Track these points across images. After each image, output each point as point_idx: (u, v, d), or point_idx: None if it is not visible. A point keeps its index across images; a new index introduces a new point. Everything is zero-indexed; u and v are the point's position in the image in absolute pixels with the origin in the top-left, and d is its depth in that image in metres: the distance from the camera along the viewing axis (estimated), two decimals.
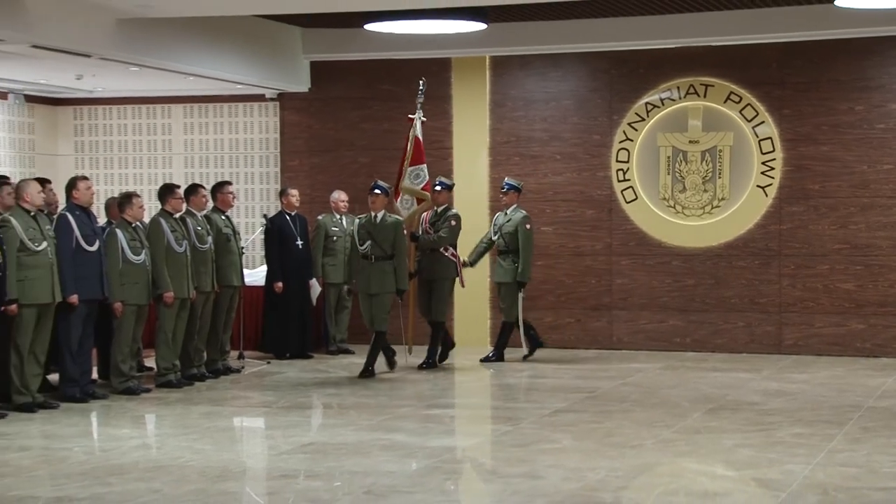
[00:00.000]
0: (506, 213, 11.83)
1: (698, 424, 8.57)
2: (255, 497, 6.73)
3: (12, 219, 8.97)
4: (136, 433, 8.53)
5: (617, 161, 12.97)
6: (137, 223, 10.02)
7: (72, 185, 9.73)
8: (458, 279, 11.60)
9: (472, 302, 13.17)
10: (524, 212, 11.84)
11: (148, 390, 9.97)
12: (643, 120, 12.89)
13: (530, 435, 8.20)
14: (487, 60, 13.18)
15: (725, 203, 12.71)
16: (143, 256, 9.86)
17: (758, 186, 12.60)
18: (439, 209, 11.45)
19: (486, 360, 11.86)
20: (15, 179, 9.64)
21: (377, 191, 10.91)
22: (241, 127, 14.12)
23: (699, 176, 12.77)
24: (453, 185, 11.70)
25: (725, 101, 12.66)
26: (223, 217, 11.05)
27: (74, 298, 9.26)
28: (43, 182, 9.78)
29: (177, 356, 10.32)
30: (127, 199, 10.05)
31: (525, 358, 11.83)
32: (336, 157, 13.58)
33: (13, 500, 6.38)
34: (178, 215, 10.37)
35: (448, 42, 12.35)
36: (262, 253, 12.65)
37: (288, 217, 12.17)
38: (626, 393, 10.07)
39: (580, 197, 13.09)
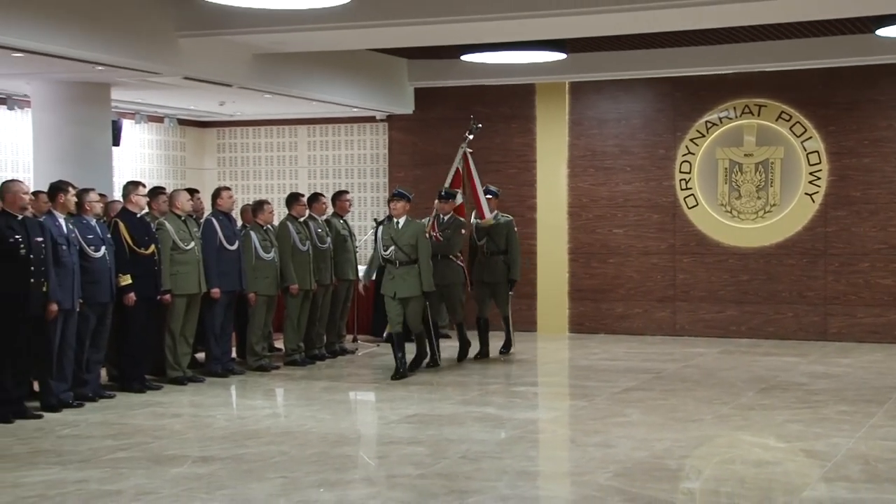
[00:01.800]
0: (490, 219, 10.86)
1: (752, 402, 8.39)
2: (368, 460, 6.76)
3: (166, 222, 9.15)
4: (268, 404, 8.63)
5: (680, 172, 12.78)
6: (268, 226, 10.14)
7: (216, 195, 9.89)
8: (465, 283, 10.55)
9: (552, 291, 13.11)
10: (509, 216, 11.14)
11: (277, 367, 10.09)
12: (703, 136, 12.68)
13: (603, 409, 8.11)
14: (567, 86, 13.09)
15: (776, 208, 12.44)
16: (272, 254, 9.98)
17: (806, 194, 12.31)
18: (445, 217, 10.32)
19: (477, 356, 10.80)
20: (168, 189, 9.82)
21: (398, 196, 9.74)
22: (356, 144, 14.22)
23: (753, 185, 12.52)
24: (456, 194, 10.51)
25: (777, 120, 12.40)
26: (341, 221, 11.12)
27: (217, 291, 9.40)
28: (192, 191, 9.96)
29: (301, 339, 10.42)
30: (259, 205, 10.18)
31: (503, 352, 11.01)
32: (435, 170, 13.55)
33: (167, 458, 6.50)
34: (302, 219, 10.47)
35: (533, 70, 12.29)
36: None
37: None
38: (688, 374, 9.90)
39: (647, 203, 12.92)
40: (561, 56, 11.33)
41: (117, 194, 10.11)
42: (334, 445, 6.85)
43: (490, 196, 10.89)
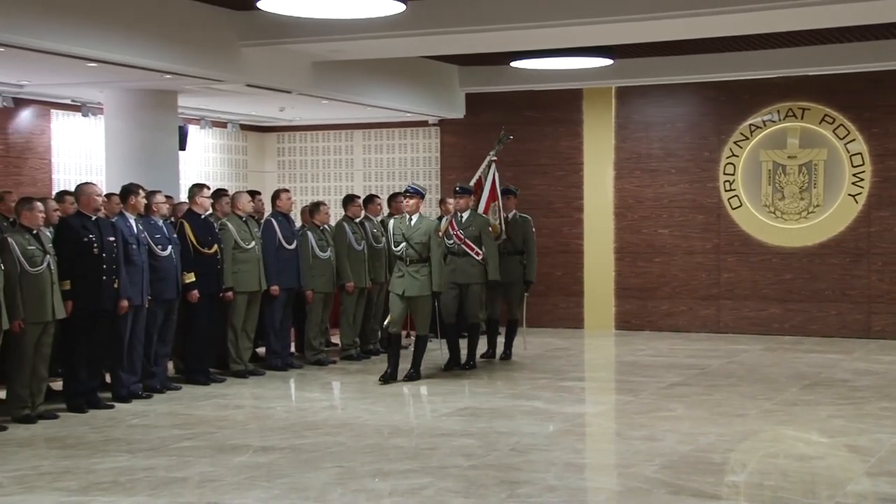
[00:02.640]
0: (507, 217, 10.33)
1: (795, 398, 8.27)
2: (420, 451, 6.78)
3: (228, 223, 9.25)
4: (325, 396, 8.69)
5: (724, 174, 12.64)
6: (325, 226, 10.21)
7: (275, 196, 9.98)
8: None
9: (599, 290, 13.04)
10: (526, 216, 10.56)
11: (334, 362, 10.15)
12: (747, 139, 12.52)
13: (649, 404, 8.05)
14: (613, 90, 13.01)
15: (819, 209, 12.25)
16: (329, 253, 10.05)
17: (849, 195, 12.11)
18: (464, 215, 9.72)
19: (504, 358, 10.37)
20: (231, 192, 9.94)
21: (411, 193, 9.16)
22: (409, 147, 14.26)
23: (797, 186, 12.33)
24: (472, 190, 9.92)
25: (820, 122, 12.20)
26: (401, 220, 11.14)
27: (276, 289, 9.48)
28: (253, 193, 10.05)
29: (357, 334, 10.47)
30: (316, 206, 10.25)
31: (505, 357, 10.37)
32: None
33: (230, 448, 6.57)
34: (357, 220, 10.52)
35: (580, 75, 12.24)
36: None
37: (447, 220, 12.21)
38: (732, 370, 9.79)
39: (692, 204, 12.79)
40: (608, 62, 11.26)
41: (183, 196, 10.25)
42: (388, 437, 6.87)
43: (507, 196, 10.35)
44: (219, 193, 9.52)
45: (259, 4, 8.10)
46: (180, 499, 5.40)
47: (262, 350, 9.97)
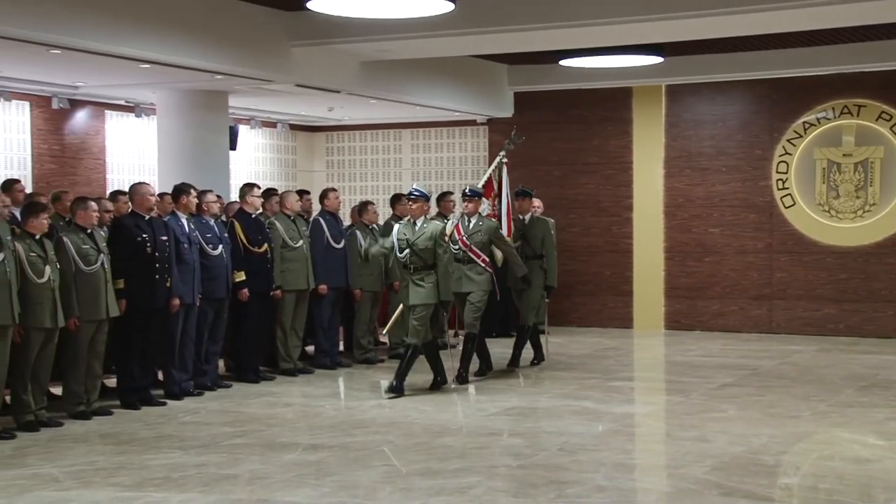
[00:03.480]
0: (524, 219, 9.80)
1: (851, 399, 8.14)
2: (468, 450, 6.77)
3: (277, 222, 9.33)
4: (373, 395, 8.69)
5: (777, 172, 12.47)
6: (373, 225, 10.25)
7: (324, 196, 10.05)
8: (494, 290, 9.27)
9: (648, 289, 12.94)
10: (545, 218, 10.10)
11: (382, 361, 10.18)
12: (801, 137, 12.34)
13: (699, 405, 7.97)
14: (663, 88, 12.90)
15: (876, 208, 12.04)
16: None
17: None
18: (472, 219, 9.10)
19: (534, 363, 9.92)
20: (280, 191, 10.02)
21: (416, 196, 8.56)
22: (457, 147, 14.26)
23: (852, 184, 12.13)
24: (482, 193, 9.35)
25: (877, 120, 11.99)
26: (445, 220, 11.16)
27: (324, 288, 9.54)
28: (301, 193, 10.13)
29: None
30: (364, 206, 10.30)
31: (510, 365, 9.75)
32: (533, 171, 13.54)
33: (280, 445, 6.63)
34: (406, 219, 10.53)
35: (630, 73, 12.16)
36: None
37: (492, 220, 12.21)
38: (785, 371, 9.65)
39: (744, 203, 12.64)
40: (658, 59, 11.17)
41: (234, 196, 10.36)
42: (437, 436, 6.88)
43: (523, 197, 9.84)
44: (268, 193, 9.60)
45: (309, 5, 8.16)
46: (231, 495, 5.45)
47: (310, 348, 10.04)
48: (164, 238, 7.92)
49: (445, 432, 7.03)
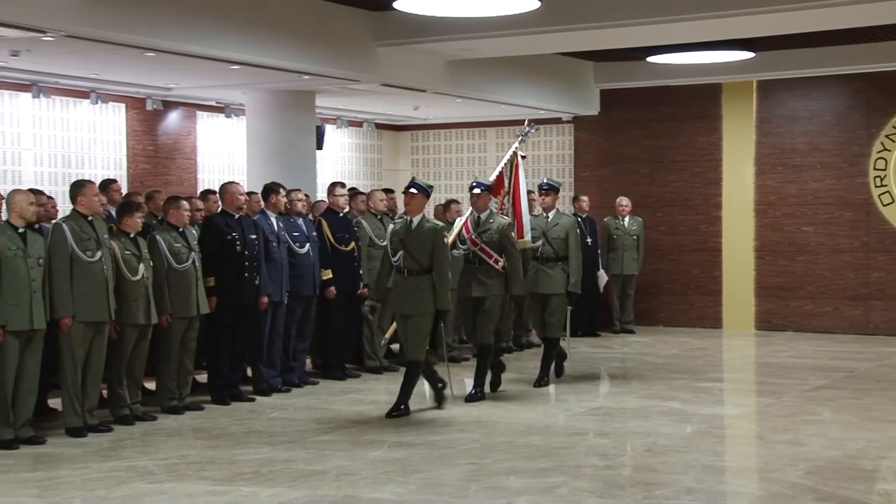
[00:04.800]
0: (547, 217, 8.84)
1: None
2: (554, 449, 6.73)
3: (363, 220, 9.41)
4: (458, 393, 8.71)
5: (874, 169, 12.11)
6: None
7: (369, 196, 10.07)
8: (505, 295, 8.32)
9: (738, 289, 12.71)
10: (571, 216, 9.21)
11: (467, 359, 10.17)
12: None
13: (792, 407, 7.78)
14: (754, 84, 12.65)
15: None
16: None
17: None
18: (482, 216, 8.19)
19: (538, 384, 8.77)
20: (366, 190, 10.12)
21: (413, 190, 7.56)
22: (542, 145, 14.20)
23: None
24: (492, 186, 8.52)
25: None
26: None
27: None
28: (387, 191, 10.21)
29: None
30: (449, 205, 10.33)
31: (537, 384, 8.76)
32: (620, 169, 13.45)
33: (366, 442, 6.68)
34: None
35: (719, 69, 11.94)
36: None
37: (580, 219, 12.13)
38: (884, 373, 9.36)
39: (839, 201, 12.31)
40: (749, 55, 10.95)
41: (320, 195, 10.49)
42: (522, 435, 6.87)
43: (546, 190, 8.89)
44: (354, 192, 9.69)
45: (395, 4, 8.22)
46: (318, 491, 5.52)
47: (396, 346, 10.10)
48: (254, 237, 8.06)
49: (530, 431, 7.00)
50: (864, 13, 8.60)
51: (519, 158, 8.85)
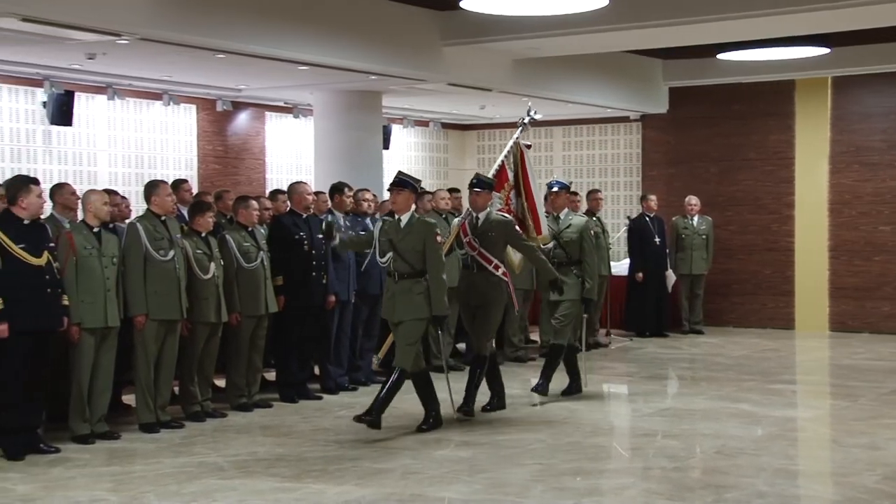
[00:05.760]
0: (558, 218, 8.23)
1: None
2: (621, 451, 6.69)
3: (429, 220, 9.42)
4: (524, 393, 8.62)
5: None
6: None
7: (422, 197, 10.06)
8: (511, 302, 7.67)
9: (811, 289, 12.47)
10: (583, 216, 8.70)
11: (533, 359, 10.15)
12: None
13: (869, 410, 7.61)
14: (829, 80, 12.39)
15: None
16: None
17: None
18: (481, 215, 7.46)
19: (536, 389, 8.08)
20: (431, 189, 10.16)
21: (400, 185, 6.92)
22: (609, 144, 14.12)
23: None
24: (493, 183, 7.66)
25: None
26: (594, 218, 11.07)
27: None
28: (451, 191, 10.23)
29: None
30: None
31: (567, 392, 8.20)
32: (689, 168, 13.30)
33: (432, 441, 6.69)
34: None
35: (793, 66, 11.73)
36: (626, 248, 12.59)
37: (648, 218, 12.05)
38: None
39: None
40: (824, 50, 10.74)
41: (387, 194, 10.54)
42: (589, 435, 6.83)
43: (557, 190, 8.31)
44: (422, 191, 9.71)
45: (462, 4, 8.23)
46: (385, 489, 5.56)
47: (461, 346, 10.11)
48: (321, 236, 8.13)
49: (597, 432, 6.96)
50: None
51: (523, 148, 8.02)
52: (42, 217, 6.51)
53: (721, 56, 11.21)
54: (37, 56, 8.92)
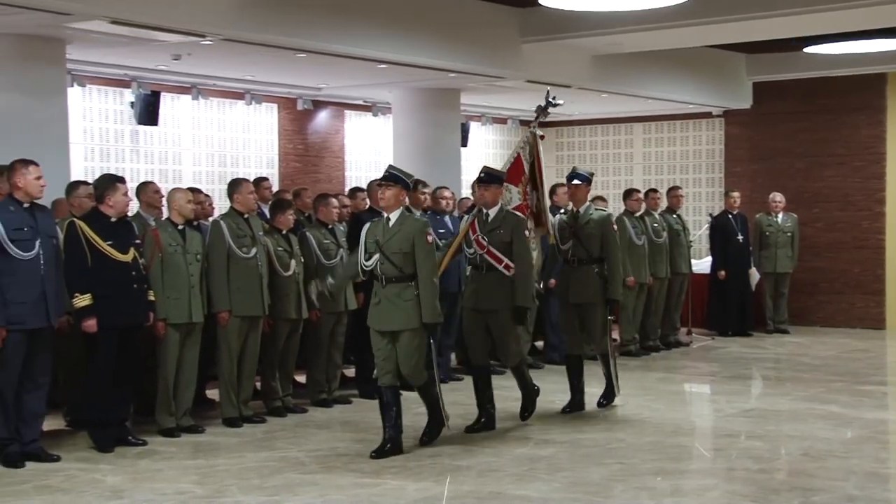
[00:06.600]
0: (578, 213, 7.56)
1: None
2: (704, 451, 6.59)
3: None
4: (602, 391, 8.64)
5: None
6: None
7: (552, 191, 10.01)
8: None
9: None
10: (606, 210, 7.98)
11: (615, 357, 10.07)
12: None
13: None
14: None
15: None
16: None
17: None
18: (491, 212, 6.85)
19: (566, 410, 7.52)
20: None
21: (390, 180, 6.32)
22: (691, 140, 13.92)
23: None
24: (503, 176, 7.00)
25: None
26: (674, 216, 10.92)
27: (554, 282, 9.40)
28: None
29: (636, 330, 10.35)
30: (593, 201, 10.20)
31: (603, 403, 7.67)
32: (774, 164, 13.03)
33: (512, 439, 6.67)
34: (637, 214, 10.38)
35: (884, 58, 11.39)
36: (708, 245, 12.40)
37: (730, 216, 11.84)
38: None
39: None
40: None
41: (465, 192, 10.57)
42: (670, 435, 6.74)
43: (579, 182, 7.59)
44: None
45: (541, 0, 8.19)
46: (463, 486, 5.56)
47: (540, 344, 10.08)
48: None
49: (679, 432, 6.87)
50: None
51: (538, 139, 7.34)
52: (128, 215, 6.67)
53: (808, 49, 10.97)
54: (125, 58, 9.17)
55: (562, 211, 7.90)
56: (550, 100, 7.47)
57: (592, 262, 7.41)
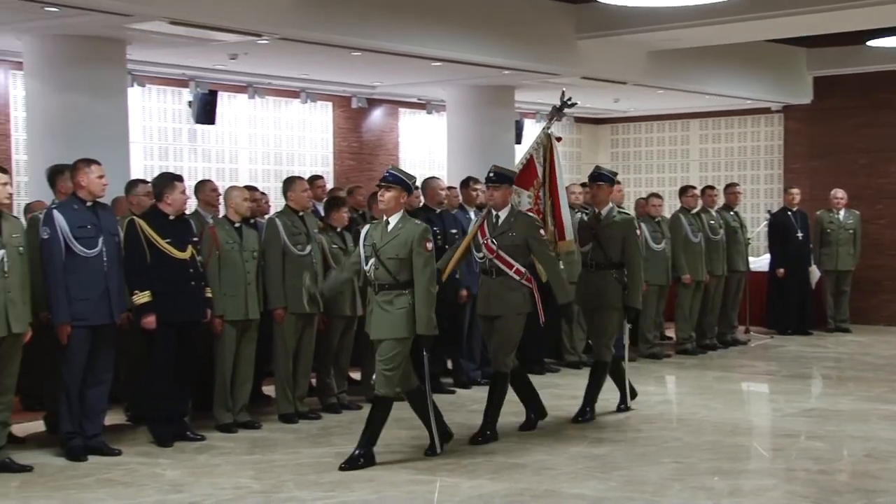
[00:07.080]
0: (599, 215, 7.21)
1: None
2: (762, 451, 6.50)
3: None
4: (660, 391, 8.55)
5: None
6: (659, 218, 10.07)
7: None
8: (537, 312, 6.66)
9: None
10: (627, 212, 7.51)
11: (668, 356, 9.99)
12: None
13: None
14: None
15: None
16: (663, 245, 9.87)
17: None
18: (502, 213, 6.57)
19: (577, 419, 7.14)
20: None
21: (391, 182, 5.99)
22: (749, 136, 13.74)
23: None
24: (513, 176, 6.70)
25: None
26: (731, 213, 10.79)
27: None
28: (585, 185, 10.11)
29: (693, 328, 10.25)
30: (648, 198, 10.15)
31: (622, 408, 7.45)
32: (835, 160, 12.81)
33: (566, 437, 6.64)
34: (694, 211, 10.28)
35: None
36: (766, 243, 12.22)
37: (790, 212, 11.65)
38: None
39: None
40: None
41: None
42: (728, 435, 6.66)
43: (602, 183, 7.27)
44: None
45: None
46: (518, 484, 5.55)
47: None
48: (454, 231, 8.18)
49: (737, 432, 6.78)
50: None
51: (554, 141, 6.98)
52: (186, 213, 6.76)
53: (871, 43, 10.78)
54: (183, 58, 9.30)
55: (585, 211, 7.62)
56: (566, 100, 7.15)
57: (611, 266, 7.07)
